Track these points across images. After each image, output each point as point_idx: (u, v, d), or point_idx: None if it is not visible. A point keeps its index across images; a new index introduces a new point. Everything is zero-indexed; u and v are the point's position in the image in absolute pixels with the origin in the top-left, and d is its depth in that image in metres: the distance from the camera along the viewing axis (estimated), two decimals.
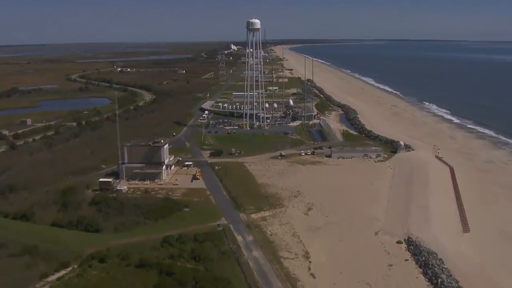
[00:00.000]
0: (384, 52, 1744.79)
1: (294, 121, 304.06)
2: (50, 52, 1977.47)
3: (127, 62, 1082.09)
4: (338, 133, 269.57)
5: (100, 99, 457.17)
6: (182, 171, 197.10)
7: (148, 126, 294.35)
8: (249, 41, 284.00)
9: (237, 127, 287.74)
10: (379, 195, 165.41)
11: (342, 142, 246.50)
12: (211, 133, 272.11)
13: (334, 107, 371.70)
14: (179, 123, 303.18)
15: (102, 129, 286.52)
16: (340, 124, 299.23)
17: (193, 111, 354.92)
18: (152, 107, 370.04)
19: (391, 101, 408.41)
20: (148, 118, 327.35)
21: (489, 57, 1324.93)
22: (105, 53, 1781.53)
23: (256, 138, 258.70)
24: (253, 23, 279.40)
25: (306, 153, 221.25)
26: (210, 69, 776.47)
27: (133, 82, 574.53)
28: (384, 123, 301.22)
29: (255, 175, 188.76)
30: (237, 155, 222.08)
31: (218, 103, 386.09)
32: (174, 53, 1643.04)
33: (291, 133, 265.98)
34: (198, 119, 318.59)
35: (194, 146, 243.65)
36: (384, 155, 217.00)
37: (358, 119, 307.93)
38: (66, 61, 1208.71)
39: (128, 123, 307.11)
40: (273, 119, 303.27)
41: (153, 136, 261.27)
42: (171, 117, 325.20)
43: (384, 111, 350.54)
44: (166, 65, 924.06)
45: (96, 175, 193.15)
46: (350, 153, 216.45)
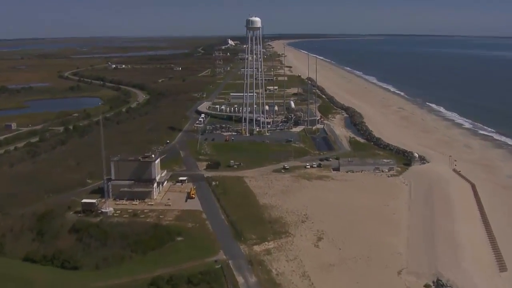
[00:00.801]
0: (383, 48, 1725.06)
1: (296, 126, 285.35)
2: (46, 46, 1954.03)
3: (123, 58, 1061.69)
4: (345, 141, 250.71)
5: (91, 99, 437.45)
6: (176, 187, 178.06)
7: (141, 131, 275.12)
8: (249, 41, 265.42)
9: (235, 133, 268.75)
10: (397, 220, 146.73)
11: (349, 152, 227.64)
12: (208, 140, 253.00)
13: (338, 109, 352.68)
14: (173, 128, 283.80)
15: (91, 135, 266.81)
16: (345, 130, 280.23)
17: (188, 114, 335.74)
18: (145, 109, 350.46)
19: (397, 102, 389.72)
20: (141, 121, 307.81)
21: (491, 53, 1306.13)
22: (101, 48, 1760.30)
23: (257, 146, 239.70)
24: (253, 21, 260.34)
25: (312, 166, 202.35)
26: (207, 66, 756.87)
27: (127, 80, 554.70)
28: (393, 128, 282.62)
29: (257, 193, 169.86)
30: (236, 167, 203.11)
31: (215, 104, 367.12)
32: (170, 48, 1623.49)
33: (294, 140, 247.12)
34: (194, 123, 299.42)
35: (189, 156, 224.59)
36: (397, 168, 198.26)
37: (364, 124, 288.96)
38: (60, 57, 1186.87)
39: (119, 128, 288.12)
40: (274, 124, 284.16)
41: (145, 144, 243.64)
42: (165, 120, 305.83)
43: (391, 115, 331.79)
44: (162, 61, 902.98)
45: (81, 191, 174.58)
46: (360, 166, 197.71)
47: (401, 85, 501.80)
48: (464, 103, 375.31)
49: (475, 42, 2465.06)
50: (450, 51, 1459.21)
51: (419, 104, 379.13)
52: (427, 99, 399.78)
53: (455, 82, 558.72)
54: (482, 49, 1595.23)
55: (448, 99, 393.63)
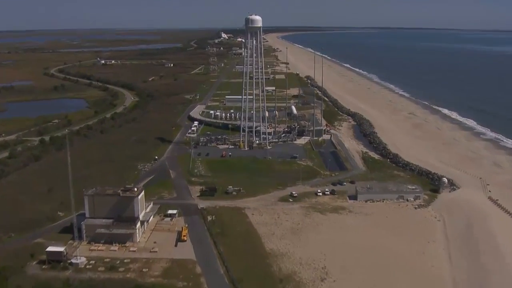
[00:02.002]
0: (377, 41, 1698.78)
1: (300, 136, 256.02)
2: (35, 39, 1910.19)
3: (113, 52, 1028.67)
4: (357, 157, 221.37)
5: (76, 101, 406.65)
6: (164, 224, 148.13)
7: (126, 143, 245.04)
8: (248, 41, 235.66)
9: (233, 146, 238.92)
10: (438, 275, 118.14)
11: (365, 173, 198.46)
12: (202, 155, 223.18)
13: (343, 115, 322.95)
14: (163, 139, 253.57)
15: (71, 149, 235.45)
16: (356, 142, 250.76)
17: (180, 121, 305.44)
18: (133, 114, 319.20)
19: (406, 106, 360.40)
20: (127, 130, 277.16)
21: (488, 48, 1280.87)
22: (92, 41, 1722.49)
23: (258, 164, 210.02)
24: (253, 20, 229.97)
25: (324, 193, 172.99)
26: (199, 62, 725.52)
27: (116, 78, 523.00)
28: (408, 140, 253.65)
29: (262, 234, 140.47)
30: (236, 194, 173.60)
31: (209, 108, 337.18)
32: (163, 41, 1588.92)
33: (300, 156, 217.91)
34: (186, 132, 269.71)
35: (180, 177, 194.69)
36: (423, 196, 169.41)
37: (376, 135, 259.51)
38: (49, 50, 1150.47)
39: (102, 139, 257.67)
40: (275, 135, 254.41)
41: (130, 161, 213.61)
42: (154, 129, 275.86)
43: (403, 122, 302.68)
44: (153, 56, 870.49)
45: (49, 229, 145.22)
46: (381, 195, 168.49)
47: (404, 85, 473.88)
48: (478, 107, 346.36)
49: (468, 36, 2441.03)
50: (445, 45, 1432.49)
51: (430, 109, 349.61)
52: (436, 101, 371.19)
53: (459, 80, 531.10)
54: (477, 43, 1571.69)
55: (460, 102, 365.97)
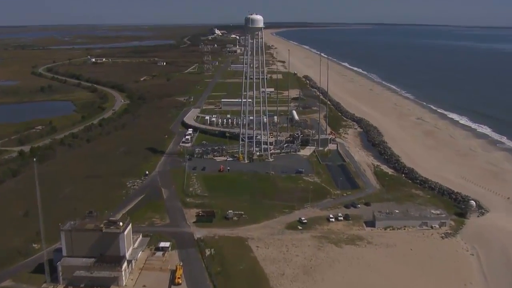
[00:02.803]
0: (373, 38, 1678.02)
1: (304, 146, 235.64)
2: (27, 35, 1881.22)
3: (104, 50, 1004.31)
4: (368, 172, 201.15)
5: (63, 103, 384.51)
6: (155, 261, 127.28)
7: (114, 155, 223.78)
8: (248, 43, 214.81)
9: (231, 158, 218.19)
10: None
11: (379, 192, 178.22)
12: (197, 169, 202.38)
13: (348, 121, 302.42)
14: (154, 149, 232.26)
15: (52, 162, 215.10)
16: (365, 153, 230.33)
17: (173, 127, 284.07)
18: (122, 120, 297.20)
19: (413, 110, 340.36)
20: (116, 139, 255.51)
21: (485, 45, 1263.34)
22: (84, 37, 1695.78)
23: (260, 181, 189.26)
24: (253, 20, 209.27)
25: (337, 218, 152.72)
26: (193, 60, 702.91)
27: (106, 78, 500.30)
28: (422, 151, 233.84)
29: (269, 274, 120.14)
30: (237, 219, 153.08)
31: (205, 113, 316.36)
32: (155, 37, 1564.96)
33: (306, 171, 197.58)
34: (180, 141, 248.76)
35: (174, 197, 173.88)
36: (450, 223, 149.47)
37: (386, 145, 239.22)
38: (40, 47, 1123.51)
39: (87, 150, 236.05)
40: (277, 144, 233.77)
41: (118, 177, 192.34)
42: (144, 137, 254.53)
43: (412, 129, 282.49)
44: (145, 54, 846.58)
45: (20, 267, 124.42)
46: (402, 221, 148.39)
47: (407, 86, 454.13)
48: (487, 112, 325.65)
49: (463, 32, 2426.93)
50: (442, 42, 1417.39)
51: (438, 114, 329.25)
52: (442, 105, 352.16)
53: (460, 80, 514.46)
54: (474, 40, 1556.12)
55: (465, 106, 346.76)
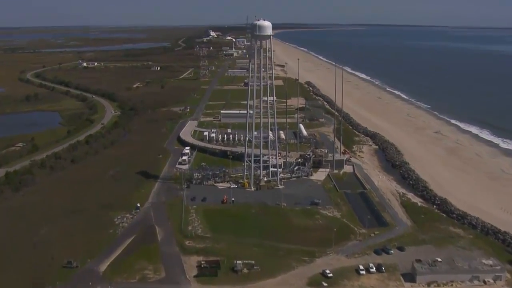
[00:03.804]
0: (370, 40, 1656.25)
1: (316, 168, 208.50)
2: (19, 37, 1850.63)
3: (96, 53, 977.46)
4: (394, 202, 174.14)
5: (48, 115, 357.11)
6: None
7: (101, 181, 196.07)
8: (255, 53, 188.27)
9: (235, 185, 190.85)
10: None
11: (413, 231, 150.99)
12: (197, 200, 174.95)
13: (361, 135, 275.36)
14: (147, 173, 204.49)
15: (29, 191, 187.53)
16: (386, 178, 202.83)
17: (168, 144, 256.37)
18: (112, 136, 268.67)
19: (428, 123, 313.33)
20: (104, 160, 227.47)
21: (489, 47, 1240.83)
22: (76, 39, 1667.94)
23: (271, 216, 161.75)
24: (260, 27, 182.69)
25: (369, 269, 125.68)
26: (188, 65, 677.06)
27: (97, 85, 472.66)
28: (449, 174, 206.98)
29: None
30: (247, 272, 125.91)
31: (202, 127, 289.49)
32: (149, 40, 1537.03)
33: (323, 202, 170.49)
34: (176, 162, 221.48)
35: (170, 239, 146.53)
36: (506, 275, 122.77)
37: (409, 166, 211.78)
38: (31, 50, 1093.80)
39: (70, 175, 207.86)
40: (287, 167, 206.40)
41: (104, 211, 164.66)
42: (136, 158, 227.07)
43: (433, 145, 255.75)
44: (139, 58, 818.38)
45: None
46: (449, 275, 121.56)
47: (415, 94, 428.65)
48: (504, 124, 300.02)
49: (458, 34, 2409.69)
50: (440, 44, 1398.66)
51: (455, 126, 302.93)
52: (457, 116, 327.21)
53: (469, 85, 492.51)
54: (471, 42, 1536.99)
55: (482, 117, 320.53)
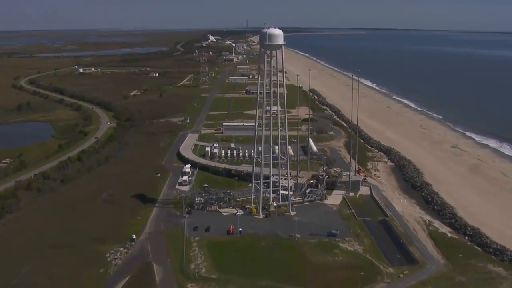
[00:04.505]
0: (371, 45, 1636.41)
1: (330, 190, 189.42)
2: (16, 41, 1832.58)
3: (94, 58, 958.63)
4: (421, 232, 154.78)
5: (40, 126, 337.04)
6: None
7: (92, 206, 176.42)
8: (265, 65, 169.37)
9: (241, 211, 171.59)
10: None
11: (446, 269, 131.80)
12: (199, 230, 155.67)
13: (374, 151, 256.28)
14: (143, 197, 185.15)
15: (12, 218, 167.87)
16: (407, 201, 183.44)
17: (166, 161, 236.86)
18: (106, 151, 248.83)
19: (444, 135, 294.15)
20: (96, 180, 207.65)
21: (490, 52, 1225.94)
22: (74, 43, 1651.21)
23: (284, 250, 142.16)
24: (271, 36, 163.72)
25: None
26: (187, 70, 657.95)
27: (92, 92, 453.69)
28: (475, 196, 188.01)
29: None
30: None
31: (204, 140, 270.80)
32: (147, 44, 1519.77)
33: (341, 233, 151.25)
34: (176, 182, 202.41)
35: (170, 280, 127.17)
36: None
37: (431, 188, 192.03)
38: (27, 55, 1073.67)
39: (59, 198, 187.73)
40: (298, 189, 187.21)
41: (93, 244, 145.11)
42: (132, 178, 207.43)
43: (453, 162, 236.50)
44: (137, 63, 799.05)
45: None
46: None
47: (423, 102, 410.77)
48: None
49: (458, 38, 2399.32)
50: (442, 49, 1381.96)
51: (473, 140, 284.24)
52: (471, 127, 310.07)
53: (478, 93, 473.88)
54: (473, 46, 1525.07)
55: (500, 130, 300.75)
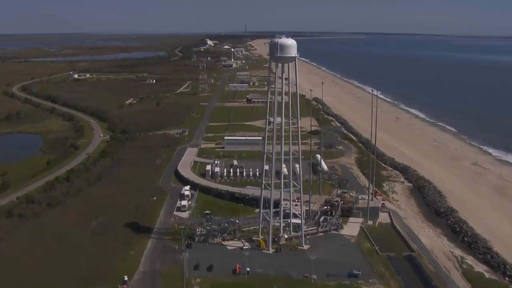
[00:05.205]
0: (371, 50, 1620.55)
1: (345, 217, 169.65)
2: (12, 45, 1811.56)
3: (90, 63, 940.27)
4: (453, 271, 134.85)
5: (29, 138, 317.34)
6: None
7: (77, 239, 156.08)
8: (276, 81, 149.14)
9: (247, 245, 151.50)
10: None
11: None
12: (201, 269, 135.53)
13: (388, 168, 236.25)
14: (137, 226, 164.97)
15: None
16: (433, 231, 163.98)
17: (163, 181, 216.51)
18: (98, 168, 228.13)
19: (461, 150, 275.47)
20: (85, 204, 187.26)
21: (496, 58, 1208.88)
22: (71, 47, 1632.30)
23: None
24: (283, 46, 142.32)
25: None
26: (186, 77, 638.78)
27: (87, 100, 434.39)
28: (507, 225, 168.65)
29: None
30: None
31: (204, 156, 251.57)
32: (145, 49, 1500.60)
33: (364, 274, 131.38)
34: (174, 207, 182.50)
35: None
36: None
37: (457, 215, 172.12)
38: (22, 59, 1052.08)
39: (41, 226, 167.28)
40: (311, 218, 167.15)
41: (82, 283, 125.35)
42: (124, 202, 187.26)
43: (476, 183, 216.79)
44: (133, 69, 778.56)
45: None
46: None
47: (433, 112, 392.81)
48: None
49: (460, 43, 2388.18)
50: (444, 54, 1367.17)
51: (493, 157, 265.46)
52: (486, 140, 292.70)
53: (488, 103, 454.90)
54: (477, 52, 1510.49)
55: None
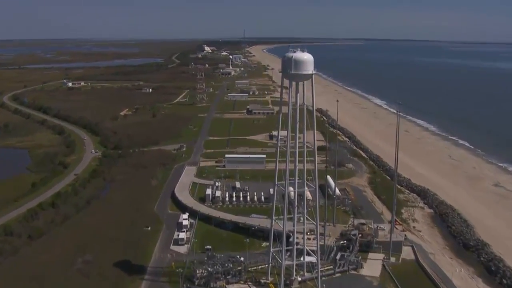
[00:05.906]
0: (371, 56, 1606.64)
1: (364, 253, 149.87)
2: (7, 51, 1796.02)
3: (85, 70, 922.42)
4: None
5: (17, 153, 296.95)
6: None
7: (61, 282, 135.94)
8: (289, 101, 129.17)
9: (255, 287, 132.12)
10: None
11: None
12: None
13: (405, 191, 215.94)
14: (129, 264, 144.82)
15: None
16: (464, 270, 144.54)
17: (158, 207, 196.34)
18: (87, 192, 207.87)
19: (479, 168, 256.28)
20: (71, 236, 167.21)
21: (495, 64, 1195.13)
22: (67, 53, 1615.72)
23: None
24: (298, 62, 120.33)
25: None
26: (183, 85, 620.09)
27: (79, 111, 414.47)
28: None
29: None
30: None
31: (203, 176, 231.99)
32: (142, 55, 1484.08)
33: None
34: (170, 241, 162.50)
35: None
36: None
37: (490, 250, 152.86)
38: (15, 66, 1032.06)
39: (20, 265, 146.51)
40: (326, 255, 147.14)
41: None
42: (115, 234, 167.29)
43: (503, 208, 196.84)
44: (129, 76, 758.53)
45: None
46: None
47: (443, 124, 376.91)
48: None
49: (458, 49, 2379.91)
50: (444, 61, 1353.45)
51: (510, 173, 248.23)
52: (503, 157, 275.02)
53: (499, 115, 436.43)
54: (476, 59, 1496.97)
55: None
